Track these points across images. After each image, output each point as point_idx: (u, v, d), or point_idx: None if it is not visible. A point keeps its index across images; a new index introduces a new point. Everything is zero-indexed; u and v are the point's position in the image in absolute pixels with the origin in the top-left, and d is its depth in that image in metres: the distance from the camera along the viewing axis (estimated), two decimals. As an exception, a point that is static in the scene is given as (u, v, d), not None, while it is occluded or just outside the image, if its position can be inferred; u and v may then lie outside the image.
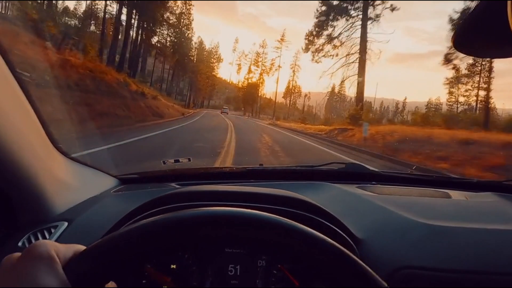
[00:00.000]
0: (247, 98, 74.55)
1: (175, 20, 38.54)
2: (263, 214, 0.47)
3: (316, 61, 31.21)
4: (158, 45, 38.89)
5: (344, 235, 0.74)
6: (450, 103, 44.64)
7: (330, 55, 29.18)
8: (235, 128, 18.36)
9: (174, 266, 0.73)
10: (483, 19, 0.38)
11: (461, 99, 39.97)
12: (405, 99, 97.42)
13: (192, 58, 56.51)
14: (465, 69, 33.06)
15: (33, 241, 0.78)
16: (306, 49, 32.36)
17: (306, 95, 79.64)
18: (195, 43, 61.09)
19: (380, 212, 0.91)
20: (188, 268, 0.73)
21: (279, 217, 0.47)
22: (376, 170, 1.39)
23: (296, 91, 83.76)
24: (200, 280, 0.73)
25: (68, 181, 0.95)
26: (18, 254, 0.40)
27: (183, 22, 44.91)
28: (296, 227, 0.45)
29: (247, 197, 0.79)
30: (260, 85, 77.63)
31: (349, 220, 0.80)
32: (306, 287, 0.72)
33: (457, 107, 41.25)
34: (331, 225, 0.74)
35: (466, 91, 37.97)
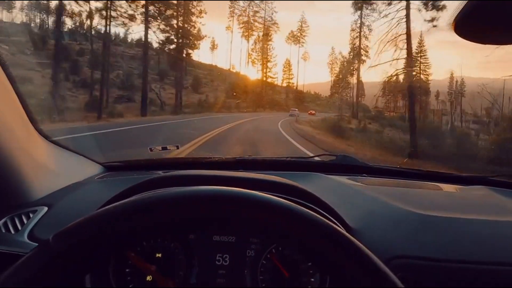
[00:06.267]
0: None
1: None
2: (264, 196, 0.45)
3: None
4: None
5: (337, 223, 0.73)
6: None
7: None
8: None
9: (160, 255, 0.71)
10: (486, 4, 0.37)
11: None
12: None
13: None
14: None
15: (9, 225, 0.75)
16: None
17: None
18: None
19: (372, 202, 0.91)
20: (174, 257, 0.71)
21: (282, 199, 0.45)
22: (367, 163, 1.38)
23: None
24: (186, 269, 0.71)
25: (49, 165, 0.92)
26: None
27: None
28: (298, 210, 0.44)
29: (238, 182, 0.75)
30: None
31: (341, 210, 0.78)
32: (296, 277, 0.70)
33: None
34: (324, 213, 0.73)
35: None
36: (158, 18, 23.68)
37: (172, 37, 27.91)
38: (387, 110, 40.70)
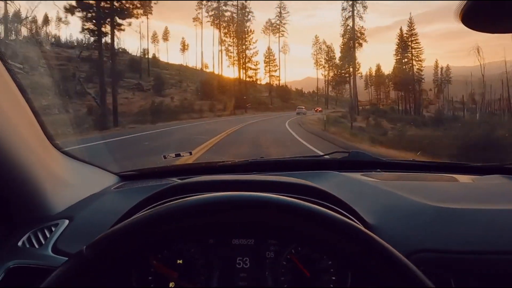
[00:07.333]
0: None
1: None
2: (284, 198, 0.45)
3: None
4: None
5: (356, 220, 0.73)
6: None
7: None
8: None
9: (181, 261, 0.71)
10: None
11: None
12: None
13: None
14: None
15: (33, 240, 0.76)
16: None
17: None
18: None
19: (388, 197, 0.90)
20: (195, 262, 0.72)
21: (301, 201, 0.45)
22: (380, 158, 1.38)
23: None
24: (208, 274, 0.71)
25: (67, 178, 0.93)
26: None
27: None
28: (317, 210, 0.44)
29: (254, 185, 0.76)
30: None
31: (358, 206, 0.78)
32: (317, 277, 0.70)
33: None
34: (342, 211, 0.73)
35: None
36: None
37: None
38: (374, 103, 40.10)
